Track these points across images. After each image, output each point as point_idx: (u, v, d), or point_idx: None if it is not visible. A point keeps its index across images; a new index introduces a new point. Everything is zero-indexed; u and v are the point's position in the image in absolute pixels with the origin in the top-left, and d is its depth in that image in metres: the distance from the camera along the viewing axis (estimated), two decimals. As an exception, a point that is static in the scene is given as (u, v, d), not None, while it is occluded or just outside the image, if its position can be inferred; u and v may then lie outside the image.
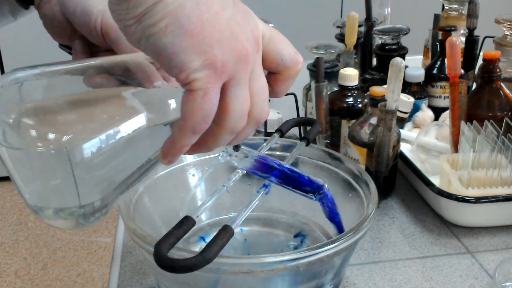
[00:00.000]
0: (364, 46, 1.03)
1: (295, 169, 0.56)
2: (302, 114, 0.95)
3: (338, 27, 1.14)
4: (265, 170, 0.55)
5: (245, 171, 0.56)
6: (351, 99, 0.84)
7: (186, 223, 0.46)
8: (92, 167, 0.39)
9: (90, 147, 0.38)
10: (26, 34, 2.04)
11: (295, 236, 0.67)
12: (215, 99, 0.38)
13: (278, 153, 0.69)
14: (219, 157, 0.56)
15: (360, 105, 0.83)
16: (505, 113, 0.82)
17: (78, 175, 0.39)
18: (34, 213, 0.41)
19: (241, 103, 0.40)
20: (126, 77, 0.44)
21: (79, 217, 0.41)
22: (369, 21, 1.06)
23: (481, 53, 0.91)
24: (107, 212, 0.43)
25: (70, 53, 0.53)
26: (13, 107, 0.38)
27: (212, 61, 0.37)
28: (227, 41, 0.37)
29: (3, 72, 2.21)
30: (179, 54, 0.36)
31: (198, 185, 0.69)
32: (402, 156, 0.82)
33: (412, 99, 0.91)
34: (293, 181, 0.55)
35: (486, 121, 0.76)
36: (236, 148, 0.55)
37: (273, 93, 0.44)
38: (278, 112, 0.87)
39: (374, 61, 1.07)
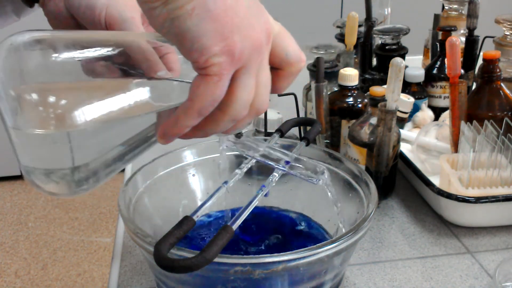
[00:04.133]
0: (364, 46, 1.03)
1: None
2: (302, 114, 0.95)
3: (338, 27, 1.14)
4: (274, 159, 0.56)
5: (245, 171, 0.57)
6: (351, 99, 0.84)
7: (186, 223, 0.46)
8: (87, 132, 0.40)
9: (87, 112, 0.39)
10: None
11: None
12: (227, 85, 0.39)
13: (278, 153, 0.69)
14: (221, 148, 0.56)
15: (360, 105, 0.83)
16: (505, 113, 0.82)
17: (73, 138, 0.40)
18: (27, 175, 0.41)
19: (247, 92, 0.40)
20: (128, 66, 0.45)
21: (71, 181, 0.42)
22: (369, 21, 1.06)
23: (481, 53, 0.91)
24: (98, 180, 0.43)
25: None
26: (13, 82, 0.39)
27: (231, 47, 0.37)
28: (245, 29, 0.38)
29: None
30: (202, 37, 0.37)
31: (198, 185, 0.69)
32: (402, 156, 0.82)
33: (412, 99, 0.91)
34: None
35: (486, 121, 0.76)
36: (238, 135, 0.55)
37: (273, 88, 0.44)
38: (278, 112, 0.87)
39: (374, 61, 1.07)
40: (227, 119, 0.41)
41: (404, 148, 0.86)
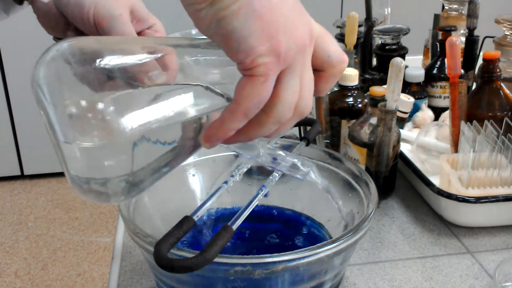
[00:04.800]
0: (364, 46, 1.03)
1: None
2: (302, 114, 0.95)
3: (338, 27, 1.14)
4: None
5: (245, 171, 0.57)
6: (351, 99, 0.84)
7: (186, 223, 0.46)
8: (138, 141, 0.40)
9: (138, 121, 0.38)
10: (22, 31, 2.05)
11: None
12: (272, 85, 0.39)
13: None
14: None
15: (360, 105, 0.83)
16: (505, 113, 0.82)
17: (126, 148, 0.40)
18: (79, 184, 0.41)
19: (292, 94, 0.40)
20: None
21: (125, 187, 0.42)
22: (369, 21, 1.06)
23: (481, 53, 0.91)
24: (142, 189, 0.44)
25: None
26: (62, 94, 0.38)
27: (277, 47, 0.37)
28: (290, 29, 0.38)
29: (2, 70, 2.21)
30: (248, 37, 0.37)
31: (198, 185, 0.69)
32: (402, 156, 0.82)
33: (412, 99, 0.91)
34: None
35: (486, 121, 0.76)
36: None
37: (316, 90, 0.44)
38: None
39: (374, 61, 1.07)
40: (271, 122, 0.40)
41: (404, 148, 0.86)
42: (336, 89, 0.87)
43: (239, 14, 0.36)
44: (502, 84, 0.84)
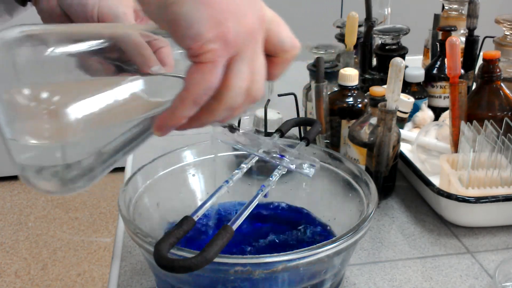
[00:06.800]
0: (364, 46, 1.03)
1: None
2: (302, 114, 0.95)
3: (338, 27, 1.14)
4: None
5: (245, 170, 0.57)
6: (351, 99, 0.84)
7: (186, 223, 0.46)
8: (80, 128, 0.39)
9: (81, 113, 0.38)
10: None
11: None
12: (221, 72, 0.39)
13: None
14: (219, 141, 0.56)
15: (360, 105, 0.83)
16: (505, 113, 0.82)
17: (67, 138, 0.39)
18: (21, 171, 0.41)
19: (242, 79, 0.40)
20: (122, 60, 0.44)
21: (64, 178, 0.41)
22: (369, 21, 1.06)
23: (481, 53, 0.91)
24: (93, 177, 0.43)
25: None
26: (5, 83, 0.37)
27: (225, 33, 0.37)
28: (239, 15, 0.38)
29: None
30: (195, 23, 0.37)
31: (198, 185, 0.69)
32: (402, 156, 0.82)
33: (412, 99, 0.91)
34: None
35: (486, 121, 0.76)
36: (232, 130, 0.55)
37: (268, 75, 0.44)
38: (278, 112, 0.87)
39: (374, 61, 1.07)
40: (223, 108, 0.41)
41: (404, 148, 0.86)
42: (336, 89, 0.88)
43: (187, 0, 0.36)
44: (502, 84, 0.84)
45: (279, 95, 0.88)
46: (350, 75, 0.83)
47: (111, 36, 0.44)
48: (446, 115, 0.88)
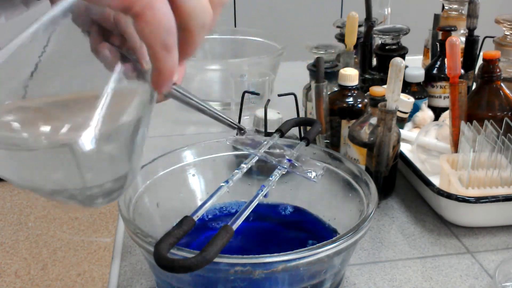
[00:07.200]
0: (364, 46, 1.03)
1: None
2: (302, 114, 0.95)
3: (338, 27, 1.14)
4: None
5: (245, 170, 0.57)
6: (351, 99, 0.84)
7: (186, 223, 0.46)
8: (93, 156, 0.38)
9: (89, 137, 0.37)
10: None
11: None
12: (166, 7, 0.36)
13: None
14: (227, 142, 0.56)
15: (360, 105, 0.83)
16: (505, 113, 0.82)
17: (82, 164, 0.39)
18: (37, 191, 0.40)
19: None
20: (125, 50, 0.44)
21: (82, 199, 0.41)
22: (369, 21, 1.06)
23: (481, 53, 0.91)
24: (111, 197, 0.44)
25: None
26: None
27: None
28: None
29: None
30: None
31: (198, 185, 0.69)
32: (402, 156, 0.82)
33: (412, 99, 0.91)
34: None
35: (486, 121, 0.76)
36: (242, 132, 0.55)
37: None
38: (278, 112, 0.87)
39: (374, 61, 1.07)
40: (197, 33, 0.38)
41: (404, 148, 0.86)
42: (336, 89, 0.88)
43: None
44: (502, 84, 0.84)
45: (279, 95, 0.88)
46: (350, 75, 0.83)
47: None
48: (446, 115, 0.88)
